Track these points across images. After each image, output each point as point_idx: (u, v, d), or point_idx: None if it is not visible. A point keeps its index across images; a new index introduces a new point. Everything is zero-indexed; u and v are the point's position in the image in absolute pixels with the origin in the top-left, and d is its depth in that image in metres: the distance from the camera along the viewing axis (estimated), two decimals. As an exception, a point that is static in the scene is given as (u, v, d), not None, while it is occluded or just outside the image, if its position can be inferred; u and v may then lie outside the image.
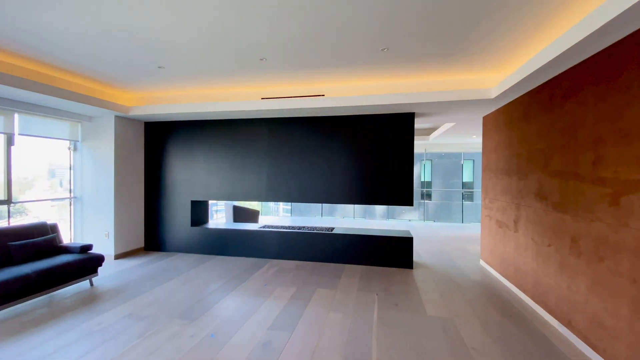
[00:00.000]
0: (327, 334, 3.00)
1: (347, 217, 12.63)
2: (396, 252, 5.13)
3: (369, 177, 5.20)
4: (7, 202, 4.47)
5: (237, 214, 7.72)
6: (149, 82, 4.57)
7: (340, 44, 3.21)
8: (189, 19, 2.72)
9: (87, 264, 4.02)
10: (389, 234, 5.34)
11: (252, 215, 8.15)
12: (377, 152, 5.16)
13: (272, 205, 13.45)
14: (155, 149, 6.01)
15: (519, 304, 3.69)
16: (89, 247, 4.23)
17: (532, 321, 3.27)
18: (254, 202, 10.51)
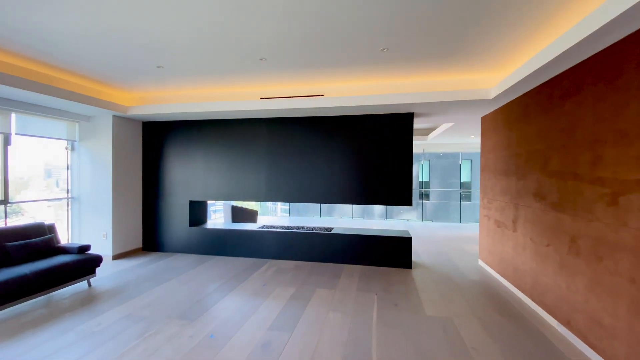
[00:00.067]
0: (326, 334, 3.00)
1: (346, 217, 12.63)
2: (395, 252, 5.14)
3: (368, 177, 5.20)
4: (4, 203, 4.43)
5: (236, 214, 7.70)
6: (147, 82, 4.55)
7: (340, 44, 3.21)
8: (188, 18, 2.71)
9: (85, 265, 4.00)
10: (387, 234, 5.34)
11: (250, 215, 8.13)
12: (377, 152, 5.16)
13: (270, 205, 13.43)
14: (153, 148, 5.99)
15: (518, 304, 3.70)
16: (86, 247, 4.20)
17: (531, 321, 3.28)
18: (253, 202, 10.49)
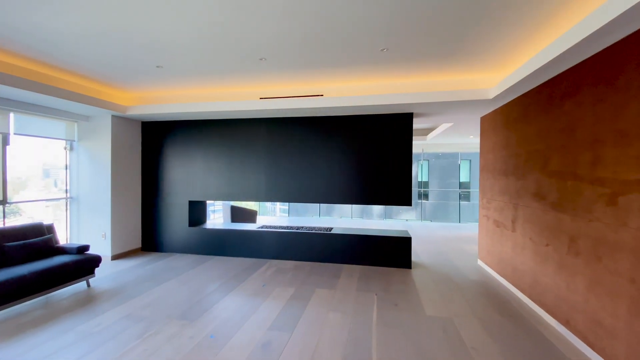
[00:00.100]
0: (326, 334, 2.99)
1: (345, 217, 12.63)
2: (395, 252, 5.14)
3: (368, 177, 5.20)
4: (2, 203, 4.41)
5: (235, 214, 7.69)
6: (146, 82, 4.54)
7: (340, 44, 3.21)
8: (188, 18, 2.71)
9: (84, 265, 3.99)
10: (387, 234, 5.35)
11: (250, 215, 8.12)
12: (376, 152, 5.16)
13: (269, 205, 13.41)
14: (152, 148, 5.97)
15: (517, 304, 3.71)
16: (85, 247, 4.19)
17: (530, 320, 3.29)
18: (252, 202, 10.48)
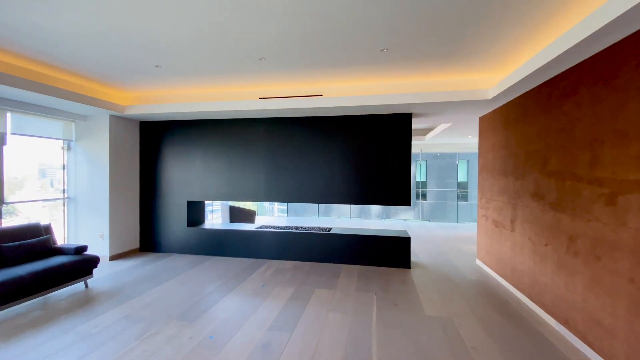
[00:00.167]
0: (327, 334, 2.99)
1: (343, 217, 12.63)
2: (394, 252, 5.14)
3: (367, 177, 5.20)
4: (-1, 203, 4.38)
5: (234, 214, 7.68)
6: (145, 82, 4.52)
7: (339, 44, 3.21)
8: (188, 18, 2.70)
9: (82, 266, 3.96)
10: (386, 234, 5.35)
11: (248, 215, 8.11)
12: (375, 152, 5.16)
13: (267, 205, 13.39)
14: (151, 148, 5.95)
15: (517, 303, 3.72)
16: (83, 248, 4.16)
17: (529, 320, 3.30)
18: (250, 202, 10.46)
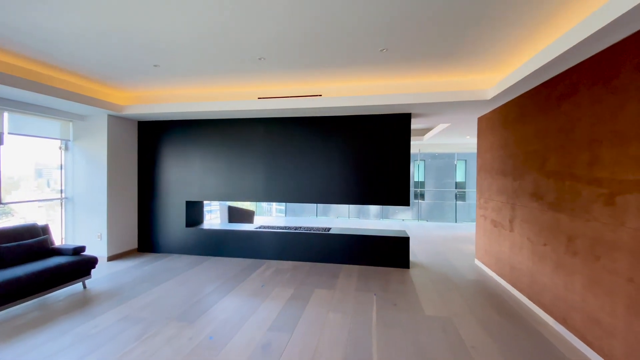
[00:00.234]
0: (327, 334, 2.99)
1: (342, 217, 12.64)
2: (393, 252, 5.15)
3: (366, 177, 5.20)
4: (-4, 203, 4.35)
5: (232, 215, 7.66)
6: (144, 81, 4.50)
7: (339, 44, 3.20)
8: (188, 18, 2.69)
9: (80, 266, 3.94)
10: (385, 234, 5.36)
11: (247, 215, 8.09)
12: (375, 152, 5.17)
13: (265, 205, 13.37)
14: (149, 148, 5.92)
15: (515, 303, 3.74)
16: (81, 248, 4.14)
17: (528, 320, 3.32)
18: (249, 202, 10.45)
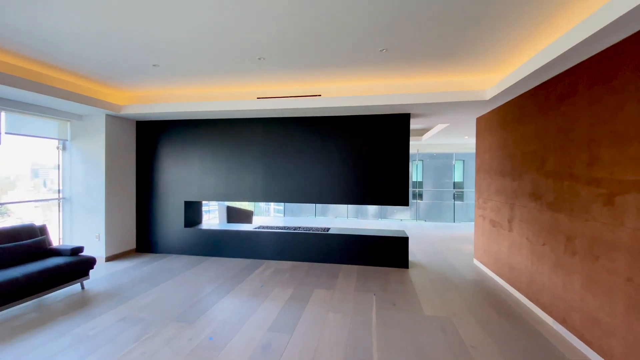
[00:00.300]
0: (327, 334, 2.99)
1: (340, 217, 12.64)
2: (392, 251, 5.16)
3: (365, 177, 5.21)
4: (-7, 203, 4.32)
5: (231, 215, 7.64)
6: (143, 81, 4.48)
7: (339, 44, 3.20)
8: (188, 18, 2.68)
9: (78, 267, 3.92)
10: (384, 234, 5.36)
11: (246, 215, 8.08)
12: (374, 152, 5.17)
13: (263, 205, 13.34)
14: (147, 148, 5.90)
15: (514, 302, 3.75)
16: (80, 249, 4.11)
17: (527, 319, 3.33)
18: (247, 203, 10.42)
